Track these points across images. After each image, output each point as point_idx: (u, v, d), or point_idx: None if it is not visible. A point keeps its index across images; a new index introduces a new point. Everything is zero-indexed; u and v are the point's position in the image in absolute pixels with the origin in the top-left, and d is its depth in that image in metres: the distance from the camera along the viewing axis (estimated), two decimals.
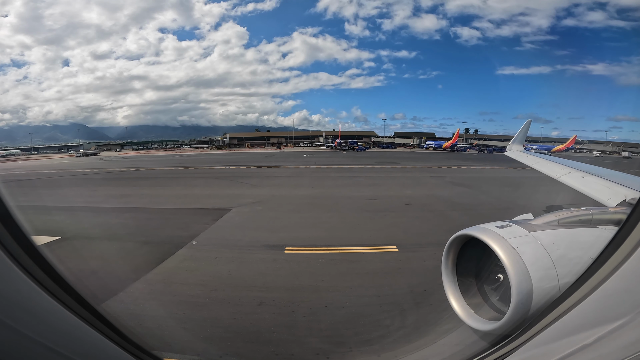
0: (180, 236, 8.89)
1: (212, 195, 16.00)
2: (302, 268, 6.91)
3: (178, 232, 9.38)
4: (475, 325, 2.06)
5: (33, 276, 1.07)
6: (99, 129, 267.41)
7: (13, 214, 1.11)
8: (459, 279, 2.26)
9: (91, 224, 10.67)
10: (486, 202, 14.87)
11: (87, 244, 8.62)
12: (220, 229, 9.71)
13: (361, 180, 21.96)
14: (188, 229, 9.75)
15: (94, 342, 1.25)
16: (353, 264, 7.15)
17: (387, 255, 7.43)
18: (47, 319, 1.10)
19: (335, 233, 9.57)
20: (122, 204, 14.21)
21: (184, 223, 10.48)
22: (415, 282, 5.95)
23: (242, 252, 7.72)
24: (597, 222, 2.21)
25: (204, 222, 10.34)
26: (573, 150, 77.85)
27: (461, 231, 2.20)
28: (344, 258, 7.47)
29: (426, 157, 47.32)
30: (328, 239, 8.86)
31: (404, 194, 16.81)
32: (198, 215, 11.66)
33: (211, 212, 11.95)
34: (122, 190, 18.59)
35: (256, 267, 6.82)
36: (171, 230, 9.66)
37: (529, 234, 2.02)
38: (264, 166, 31.71)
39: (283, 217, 11.46)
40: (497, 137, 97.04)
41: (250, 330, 4.50)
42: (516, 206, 13.68)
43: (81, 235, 9.28)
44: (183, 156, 58.90)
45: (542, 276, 1.81)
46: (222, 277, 6.26)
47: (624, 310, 1.22)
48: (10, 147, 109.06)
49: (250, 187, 18.76)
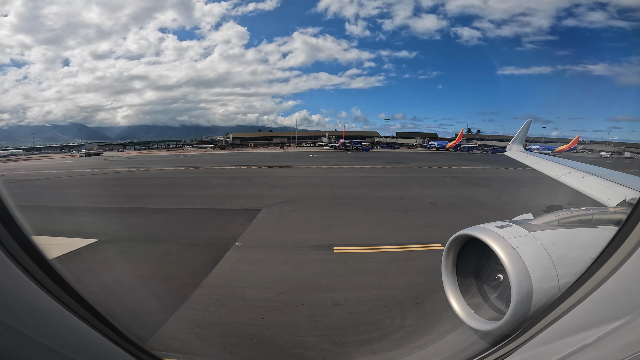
0: (221, 237, 8.81)
1: (235, 196, 15.91)
2: (358, 267, 6.88)
3: (217, 233, 9.29)
4: (475, 325, 2.06)
5: (33, 276, 1.06)
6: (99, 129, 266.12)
7: (13, 214, 1.09)
8: (459, 279, 2.26)
9: (123, 225, 10.45)
10: (510, 202, 14.89)
11: (128, 247, 8.43)
12: (259, 230, 9.63)
13: (378, 180, 21.93)
14: (226, 229, 9.67)
15: (94, 342, 1.24)
16: (407, 261, 7.19)
17: (435, 252, 7.39)
18: (48, 319, 1.10)
19: (375, 232, 9.54)
20: (147, 204, 14.11)
21: (220, 224, 10.39)
22: None
23: (292, 253, 7.66)
24: (597, 222, 2.21)
25: (239, 223, 10.25)
26: (576, 151, 78.04)
27: (461, 231, 2.20)
28: (394, 256, 7.48)
29: (433, 158, 47.35)
30: (371, 239, 8.83)
31: (426, 193, 16.80)
32: (230, 216, 11.57)
33: (242, 213, 11.87)
34: (140, 190, 18.47)
35: (313, 268, 6.76)
36: (210, 232, 9.56)
37: (529, 234, 2.01)
38: (274, 166, 31.61)
39: (316, 217, 11.40)
40: (499, 138, 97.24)
41: (340, 332, 4.45)
42: (540, 206, 13.69)
43: (119, 237, 9.09)
44: (188, 156, 58.70)
45: (542, 276, 1.81)
46: (283, 279, 6.18)
47: (624, 310, 1.22)
48: (11, 147, 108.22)
49: (269, 187, 18.67)
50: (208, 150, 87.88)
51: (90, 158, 59.59)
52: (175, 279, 6.37)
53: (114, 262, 7.29)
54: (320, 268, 6.73)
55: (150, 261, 7.28)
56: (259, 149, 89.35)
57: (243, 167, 30.88)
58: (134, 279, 6.25)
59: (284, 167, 30.60)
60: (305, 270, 6.63)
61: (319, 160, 40.23)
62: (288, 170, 28.04)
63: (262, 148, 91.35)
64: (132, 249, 8.24)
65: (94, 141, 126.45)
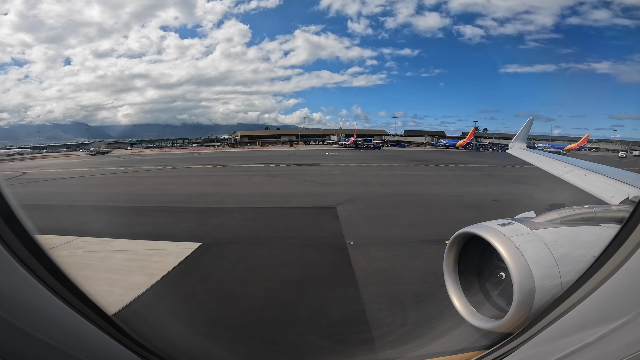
0: (324, 236, 8.80)
1: (294, 194, 15.86)
2: None
3: (316, 232, 9.29)
4: (477, 324, 2.08)
5: (37, 275, 1.07)
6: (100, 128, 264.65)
7: (16, 213, 1.10)
8: (460, 277, 2.27)
9: (210, 225, 10.18)
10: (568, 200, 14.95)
11: (241, 250, 7.92)
12: (354, 228, 9.61)
13: (420, 178, 21.98)
14: (320, 228, 9.68)
15: (97, 341, 1.25)
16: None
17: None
18: (51, 318, 1.10)
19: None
20: (210, 203, 14.00)
21: (309, 223, 10.39)
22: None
23: (411, 248, 7.71)
24: (600, 220, 2.21)
25: (327, 222, 10.25)
26: (584, 149, 78.15)
27: (463, 229, 2.21)
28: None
29: (448, 157, 47.27)
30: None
31: (477, 191, 16.91)
32: (311, 215, 11.58)
33: (319, 211, 11.89)
34: (192, 188, 18.36)
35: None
36: (306, 231, 9.53)
37: (532, 232, 2.01)
38: (303, 164, 31.58)
39: (396, 214, 11.46)
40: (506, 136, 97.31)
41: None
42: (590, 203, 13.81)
43: (220, 240, 8.49)
44: (202, 154, 58.49)
45: (544, 274, 1.80)
46: (427, 273, 6.19)
47: (627, 308, 1.22)
48: (15, 146, 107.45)
49: (319, 185, 18.66)
50: (217, 148, 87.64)
51: (104, 156, 59.28)
52: (331, 279, 6.28)
53: (250, 267, 6.88)
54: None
55: (283, 265, 6.96)
56: (268, 147, 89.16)
57: (272, 165, 30.84)
58: (296, 283, 6.02)
59: (314, 165, 30.58)
60: (438, 265, 6.66)
61: (340, 158, 40.20)
62: (321, 168, 28.04)
63: (271, 146, 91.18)
64: (248, 252, 7.83)
65: (98, 140, 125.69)
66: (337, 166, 30.00)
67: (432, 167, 30.45)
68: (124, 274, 6.29)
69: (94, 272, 6.45)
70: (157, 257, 7.20)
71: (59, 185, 20.94)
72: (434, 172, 26.28)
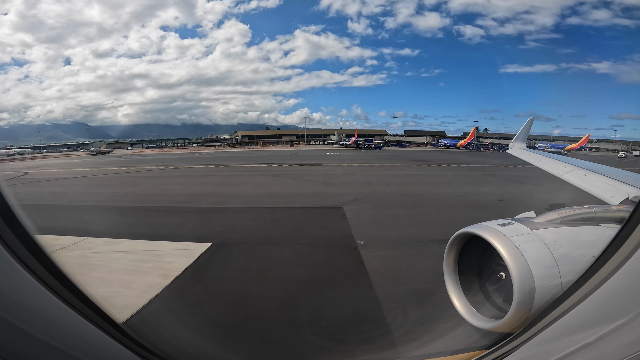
0: (335, 236, 8.80)
1: (299, 194, 15.87)
2: None
3: (325, 233, 9.31)
4: (477, 324, 2.08)
5: (37, 275, 1.07)
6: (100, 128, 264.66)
7: (16, 213, 1.10)
8: (460, 277, 2.27)
9: (219, 225, 10.19)
10: (568, 201, 14.98)
11: (252, 251, 7.85)
12: (363, 228, 9.60)
13: (423, 178, 22.01)
14: (329, 229, 9.68)
15: (97, 341, 1.24)
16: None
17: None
18: (51, 318, 1.11)
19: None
20: (217, 203, 13.99)
21: (317, 223, 10.40)
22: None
23: (421, 248, 7.72)
24: (600, 220, 2.21)
25: (335, 222, 10.27)
26: (585, 149, 78.22)
27: (463, 229, 2.21)
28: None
29: (450, 157, 47.32)
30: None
31: (481, 191, 16.96)
32: (318, 215, 11.59)
33: (326, 211, 11.91)
34: (196, 188, 18.37)
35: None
36: (316, 231, 9.52)
37: (532, 232, 2.01)
38: (306, 164, 31.57)
39: (403, 214, 11.48)
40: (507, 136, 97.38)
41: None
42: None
43: (229, 240, 8.45)
44: (203, 154, 58.46)
45: (544, 274, 1.80)
46: (440, 272, 6.21)
47: (627, 308, 1.22)
48: (15, 146, 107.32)
49: (324, 185, 18.67)
50: (218, 148, 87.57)
51: (106, 156, 59.23)
52: (346, 279, 6.29)
53: (263, 268, 6.82)
54: None
55: (296, 265, 6.96)
56: (269, 147, 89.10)
57: (274, 165, 30.84)
58: (311, 283, 6.04)
59: (316, 165, 30.59)
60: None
61: (342, 158, 40.19)
62: (324, 168, 28.04)
63: (272, 146, 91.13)
64: (259, 253, 7.78)
65: (98, 140, 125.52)
66: (339, 166, 30.02)
67: (435, 167, 30.47)
68: (137, 275, 6.28)
69: (107, 273, 6.46)
70: (168, 258, 7.20)
71: (62, 186, 20.93)
72: (437, 172, 26.31)
